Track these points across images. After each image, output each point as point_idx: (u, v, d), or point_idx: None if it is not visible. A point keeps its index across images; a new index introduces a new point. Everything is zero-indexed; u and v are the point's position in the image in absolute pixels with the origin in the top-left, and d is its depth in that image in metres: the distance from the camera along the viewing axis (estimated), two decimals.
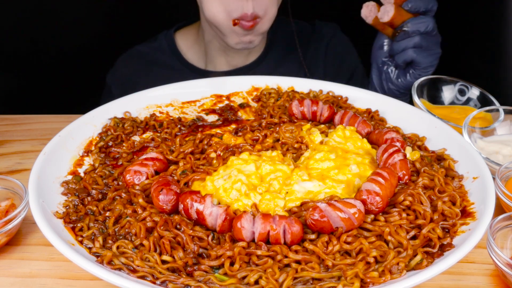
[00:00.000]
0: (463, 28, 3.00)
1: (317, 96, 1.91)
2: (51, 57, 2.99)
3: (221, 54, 2.44)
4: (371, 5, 1.98)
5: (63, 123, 1.70)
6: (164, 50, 2.54)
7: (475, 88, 2.02)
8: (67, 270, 1.38)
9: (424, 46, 1.97)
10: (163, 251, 1.27)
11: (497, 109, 1.86)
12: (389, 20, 1.93)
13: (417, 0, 1.95)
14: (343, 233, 1.28)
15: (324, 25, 2.62)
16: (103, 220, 1.38)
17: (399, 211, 1.35)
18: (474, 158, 1.54)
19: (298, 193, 1.41)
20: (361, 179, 1.45)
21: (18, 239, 1.48)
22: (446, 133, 1.68)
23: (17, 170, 1.78)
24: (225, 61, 2.46)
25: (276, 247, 1.25)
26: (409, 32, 1.94)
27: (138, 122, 1.79)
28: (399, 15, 1.94)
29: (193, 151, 1.63)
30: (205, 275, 1.22)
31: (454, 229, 1.33)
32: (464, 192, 1.46)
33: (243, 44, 2.24)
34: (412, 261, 1.25)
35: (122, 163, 1.61)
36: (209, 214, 1.31)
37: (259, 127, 1.75)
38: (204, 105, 1.91)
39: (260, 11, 2.13)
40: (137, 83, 2.01)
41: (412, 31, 1.94)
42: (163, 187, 1.37)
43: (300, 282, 1.21)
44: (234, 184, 1.41)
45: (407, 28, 1.93)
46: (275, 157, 1.54)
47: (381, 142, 1.61)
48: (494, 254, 1.30)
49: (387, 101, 1.86)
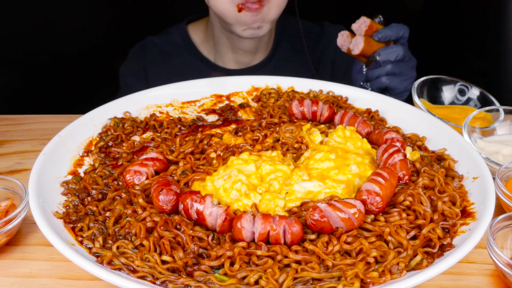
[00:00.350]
0: (463, 28, 3.00)
1: (317, 96, 1.91)
2: (51, 57, 2.99)
3: (229, 51, 2.45)
4: (345, 34, 2.01)
5: (63, 123, 1.70)
6: (178, 43, 2.53)
7: (475, 88, 2.02)
8: (67, 270, 1.38)
9: (397, 73, 2.00)
10: (163, 251, 1.27)
11: (497, 109, 1.86)
12: (359, 52, 1.97)
13: (386, 31, 1.97)
14: (343, 233, 1.28)
15: (333, 27, 2.62)
16: (103, 220, 1.38)
17: (399, 211, 1.35)
18: (474, 158, 1.54)
19: (298, 193, 1.41)
20: (361, 179, 1.45)
21: (18, 239, 1.48)
22: (446, 133, 1.68)
23: (17, 170, 1.78)
24: (233, 58, 2.47)
25: (276, 247, 1.25)
26: (380, 62, 1.96)
27: (138, 122, 1.79)
28: (369, 46, 1.97)
29: (193, 151, 1.63)
30: (205, 275, 1.22)
31: (454, 229, 1.33)
32: (464, 192, 1.46)
33: (251, 30, 2.21)
34: (412, 261, 1.25)
35: (122, 163, 1.61)
36: (209, 214, 1.31)
37: (259, 127, 1.75)
38: (204, 105, 1.91)
39: None
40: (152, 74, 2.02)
41: (383, 61, 1.97)
42: (163, 187, 1.37)
43: (300, 282, 1.21)
44: (234, 184, 1.41)
45: (378, 58, 1.96)
46: (275, 157, 1.54)
47: (381, 142, 1.61)
48: (494, 254, 1.30)
49: (387, 101, 1.86)
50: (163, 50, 2.54)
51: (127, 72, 2.55)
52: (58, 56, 2.98)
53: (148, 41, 2.58)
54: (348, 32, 2.00)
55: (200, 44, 2.54)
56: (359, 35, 1.97)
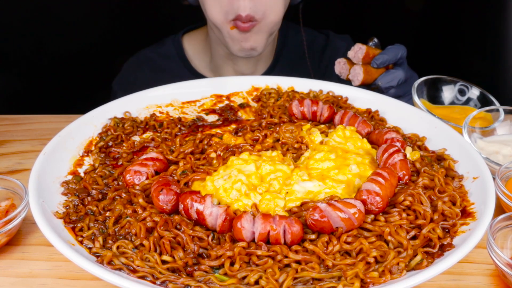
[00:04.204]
0: (463, 28, 3.01)
1: (317, 96, 1.91)
2: (51, 57, 2.99)
3: (227, 62, 2.37)
4: (342, 62, 1.94)
5: (63, 123, 1.70)
6: (172, 56, 2.47)
7: (475, 88, 2.02)
8: (67, 270, 1.37)
9: (401, 95, 1.96)
10: (163, 251, 1.27)
11: (497, 109, 1.86)
12: (360, 83, 1.91)
13: (384, 56, 1.90)
14: (343, 233, 1.28)
15: (339, 38, 2.54)
16: (103, 220, 1.38)
17: (399, 211, 1.35)
18: (474, 158, 1.54)
19: (298, 193, 1.41)
20: (361, 179, 1.45)
21: (18, 239, 1.48)
22: (446, 133, 1.68)
23: (17, 170, 1.78)
24: (232, 70, 2.40)
25: (276, 247, 1.25)
26: (383, 89, 1.93)
27: (138, 122, 1.79)
28: (369, 75, 1.91)
29: (193, 151, 1.63)
30: (205, 275, 1.22)
31: (454, 229, 1.33)
32: (464, 192, 1.46)
33: (245, 51, 2.14)
34: (412, 261, 1.25)
35: (122, 163, 1.61)
36: (209, 214, 1.31)
37: (259, 127, 1.75)
38: (204, 105, 1.91)
39: (257, 13, 2.03)
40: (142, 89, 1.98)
41: (385, 88, 1.93)
42: (163, 187, 1.37)
43: (300, 282, 1.21)
44: (234, 184, 1.41)
45: (380, 85, 1.92)
46: (275, 157, 1.54)
47: (381, 142, 1.61)
48: (494, 254, 1.30)
49: (387, 101, 1.86)
50: (154, 64, 2.48)
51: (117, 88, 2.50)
52: (58, 56, 2.98)
53: (140, 55, 2.52)
54: (345, 59, 1.94)
55: (194, 56, 2.47)
56: (357, 65, 1.90)
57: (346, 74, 1.94)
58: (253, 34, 2.10)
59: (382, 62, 1.91)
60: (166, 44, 2.51)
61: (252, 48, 2.13)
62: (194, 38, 2.51)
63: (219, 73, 2.43)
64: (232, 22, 2.06)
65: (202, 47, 2.47)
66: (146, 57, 2.51)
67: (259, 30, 2.10)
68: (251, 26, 2.06)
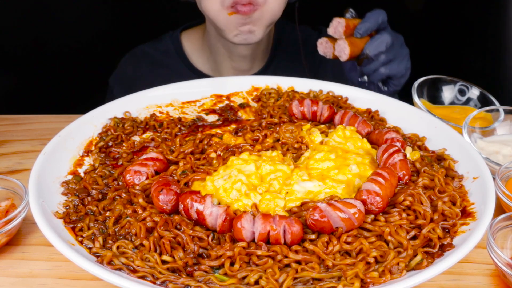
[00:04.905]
0: (463, 28, 3.00)
1: (317, 96, 1.91)
2: (51, 57, 2.99)
3: (226, 59, 2.37)
4: (324, 41, 1.91)
5: (63, 123, 1.70)
6: (170, 52, 2.46)
7: (475, 88, 2.02)
8: (67, 270, 1.37)
9: (392, 59, 1.93)
10: (163, 251, 1.27)
11: (497, 109, 1.86)
12: (348, 58, 1.87)
13: (365, 24, 1.87)
14: (343, 233, 1.28)
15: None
16: (103, 220, 1.38)
17: (399, 211, 1.35)
18: (474, 158, 1.54)
19: (298, 193, 1.41)
20: (361, 179, 1.45)
21: (18, 239, 1.48)
22: (446, 133, 1.68)
23: (17, 170, 1.78)
24: (230, 67, 2.40)
25: (276, 247, 1.25)
26: (372, 57, 1.90)
27: (138, 122, 1.79)
28: (355, 47, 1.87)
29: (193, 151, 1.63)
30: (205, 275, 1.22)
31: (454, 229, 1.33)
32: (464, 192, 1.46)
33: (242, 35, 2.10)
34: (412, 261, 1.25)
35: (122, 163, 1.61)
36: (209, 214, 1.31)
37: (259, 127, 1.75)
38: (204, 105, 1.91)
39: None
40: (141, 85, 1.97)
41: (375, 55, 1.89)
42: (163, 187, 1.37)
43: (300, 282, 1.21)
44: (234, 184, 1.41)
45: (369, 53, 1.88)
46: (275, 157, 1.54)
47: (381, 142, 1.61)
48: (494, 254, 1.30)
49: (387, 101, 1.86)
50: (152, 59, 2.47)
51: (113, 83, 2.49)
52: (58, 56, 2.98)
53: (137, 50, 2.51)
54: (326, 38, 1.91)
55: (192, 53, 2.46)
56: (341, 40, 1.87)
57: (332, 52, 1.90)
58: (252, 19, 2.07)
59: (365, 31, 1.88)
60: (163, 40, 2.50)
61: (250, 31, 2.10)
62: (192, 35, 2.51)
63: (217, 69, 2.43)
64: (231, 8, 2.03)
65: (200, 44, 2.48)
66: (144, 52, 2.51)
67: (259, 16, 2.07)
68: (252, 10, 2.03)
